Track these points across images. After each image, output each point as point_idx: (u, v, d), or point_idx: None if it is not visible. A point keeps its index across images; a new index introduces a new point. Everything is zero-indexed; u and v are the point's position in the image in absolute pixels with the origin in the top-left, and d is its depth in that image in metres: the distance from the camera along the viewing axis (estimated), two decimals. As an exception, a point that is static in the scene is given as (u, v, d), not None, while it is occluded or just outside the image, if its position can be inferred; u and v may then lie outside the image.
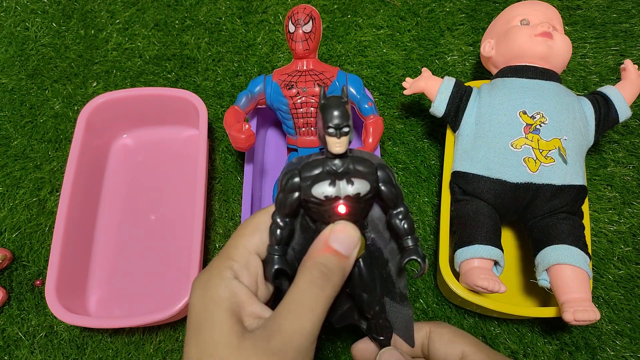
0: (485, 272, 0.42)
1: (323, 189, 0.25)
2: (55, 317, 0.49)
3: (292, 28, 0.46)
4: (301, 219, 0.28)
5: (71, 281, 0.47)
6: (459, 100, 0.49)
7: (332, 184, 0.25)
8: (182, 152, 0.57)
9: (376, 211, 0.29)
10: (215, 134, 0.59)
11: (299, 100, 0.47)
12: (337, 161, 0.26)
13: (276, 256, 0.27)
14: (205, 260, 0.52)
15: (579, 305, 0.39)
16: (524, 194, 0.44)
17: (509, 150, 0.45)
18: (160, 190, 0.55)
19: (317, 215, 0.27)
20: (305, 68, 0.47)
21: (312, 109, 0.47)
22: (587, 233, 0.46)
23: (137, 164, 0.56)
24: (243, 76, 0.61)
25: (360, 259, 0.28)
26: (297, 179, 0.26)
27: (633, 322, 0.49)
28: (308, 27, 0.45)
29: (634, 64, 0.49)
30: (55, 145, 0.58)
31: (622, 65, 0.49)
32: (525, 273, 0.50)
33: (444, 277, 0.45)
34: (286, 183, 0.26)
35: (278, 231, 0.27)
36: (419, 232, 0.53)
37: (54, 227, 0.47)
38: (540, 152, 0.44)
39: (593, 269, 0.50)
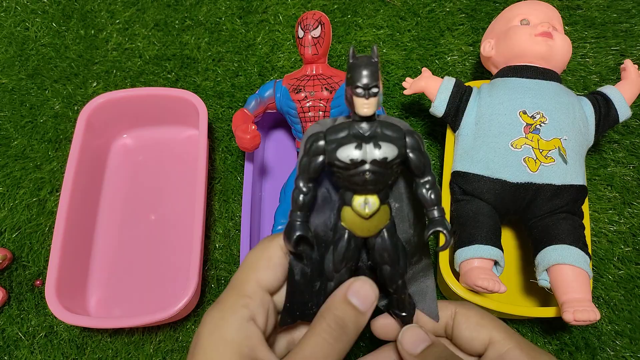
0: (485, 272, 0.42)
1: (349, 152, 0.24)
2: (55, 317, 0.49)
3: (301, 33, 0.47)
4: (322, 189, 0.28)
5: (71, 281, 0.47)
6: (459, 100, 0.49)
7: (359, 147, 0.24)
8: (182, 152, 0.57)
9: (401, 183, 0.28)
10: (215, 134, 0.58)
11: (307, 104, 0.47)
12: (364, 124, 0.25)
13: (298, 222, 0.26)
14: (206, 261, 0.52)
15: (579, 305, 0.39)
16: (524, 194, 0.44)
17: (509, 150, 0.45)
18: (160, 190, 0.55)
19: (342, 181, 0.26)
20: (314, 73, 0.48)
21: (320, 112, 0.47)
22: (587, 233, 0.46)
23: (137, 164, 0.56)
24: (243, 76, 0.61)
25: (384, 229, 0.27)
26: (322, 142, 0.25)
27: (633, 322, 0.49)
28: (317, 32, 0.46)
29: (634, 63, 0.49)
30: (55, 145, 0.58)
31: (622, 65, 0.49)
32: (525, 273, 0.50)
33: (444, 277, 0.45)
34: (310, 146, 0.25)
35: (301, 197, 0.26)
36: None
37: (54, 227, 0.47)
38: (540, 152, 0.44)
39: (593, 269, 0.50)
